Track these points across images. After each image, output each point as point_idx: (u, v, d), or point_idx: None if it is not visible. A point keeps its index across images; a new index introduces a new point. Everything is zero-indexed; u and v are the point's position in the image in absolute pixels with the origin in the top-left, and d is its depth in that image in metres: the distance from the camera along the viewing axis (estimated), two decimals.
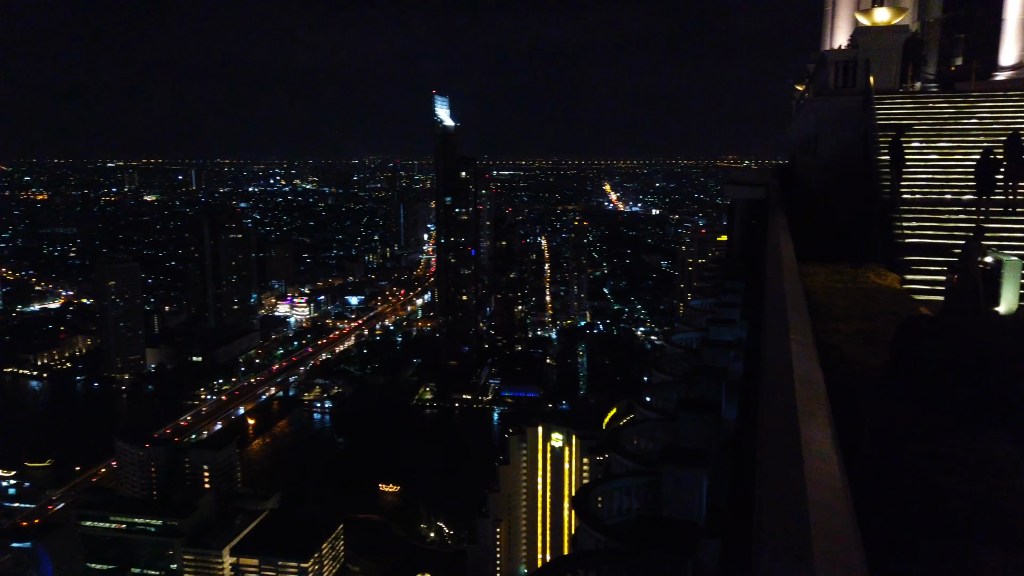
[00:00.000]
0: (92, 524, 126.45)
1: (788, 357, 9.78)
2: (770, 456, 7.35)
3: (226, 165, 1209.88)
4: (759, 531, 5.88)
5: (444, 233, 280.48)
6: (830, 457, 7.38)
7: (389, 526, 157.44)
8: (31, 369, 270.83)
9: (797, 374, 9.22)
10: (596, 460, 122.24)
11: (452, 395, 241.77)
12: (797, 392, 8.59)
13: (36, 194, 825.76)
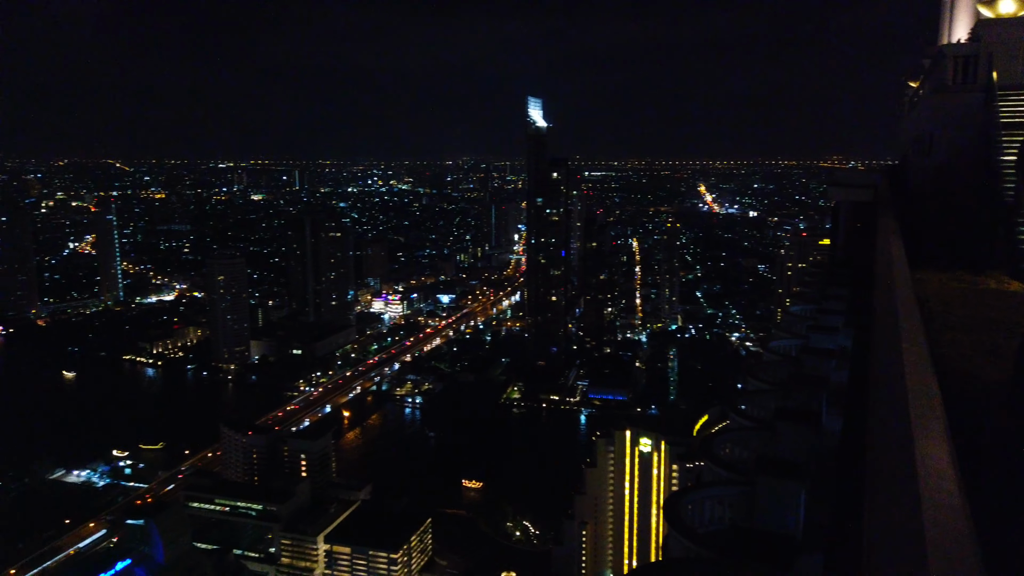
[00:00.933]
0: (198, 506, 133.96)
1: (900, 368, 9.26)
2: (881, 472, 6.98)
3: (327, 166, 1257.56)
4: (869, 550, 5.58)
5: (535, 234, 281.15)
6: (947, 474, 6.91)
7: (475, 522, 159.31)
8: (147, 357, 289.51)
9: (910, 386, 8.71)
10: (686, 467, 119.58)
11: (539, 395, 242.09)
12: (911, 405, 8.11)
13: (155, 193, 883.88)
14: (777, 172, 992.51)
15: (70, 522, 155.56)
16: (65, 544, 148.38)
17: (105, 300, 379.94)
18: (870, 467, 7.48)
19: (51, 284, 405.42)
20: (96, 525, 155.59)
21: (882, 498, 6.58)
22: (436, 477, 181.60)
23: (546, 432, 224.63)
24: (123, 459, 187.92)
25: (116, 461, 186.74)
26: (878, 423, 8.52)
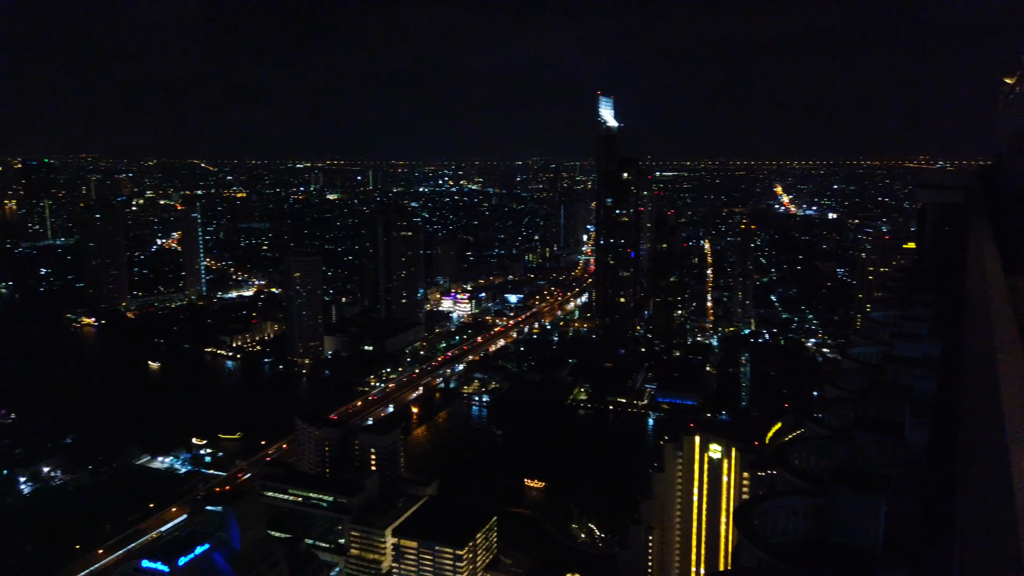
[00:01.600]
0: (273, 495, 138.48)
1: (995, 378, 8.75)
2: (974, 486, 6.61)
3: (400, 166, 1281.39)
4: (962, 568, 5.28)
5: (604, 234, 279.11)
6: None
7: (540, 522, 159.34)
8: (227, 350, 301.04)
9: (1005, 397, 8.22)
10: (757, 475, 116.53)
11: (607, 397, 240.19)
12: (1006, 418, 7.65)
13: (236, 192, 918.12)
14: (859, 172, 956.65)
15: (154, 506, 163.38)
16: (149, 527, 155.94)
17: (189, 294, 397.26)
18: (961, 481, 7.09)
19: (140, 278, 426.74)
20: (178, 510, 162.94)
21: (975, 513, 6.22)
22: (501, 475, 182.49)
23: (612, 434, 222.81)
24: (202, 447, 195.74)
25: (196, 449, 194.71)
26: (970, 435, 8.08)
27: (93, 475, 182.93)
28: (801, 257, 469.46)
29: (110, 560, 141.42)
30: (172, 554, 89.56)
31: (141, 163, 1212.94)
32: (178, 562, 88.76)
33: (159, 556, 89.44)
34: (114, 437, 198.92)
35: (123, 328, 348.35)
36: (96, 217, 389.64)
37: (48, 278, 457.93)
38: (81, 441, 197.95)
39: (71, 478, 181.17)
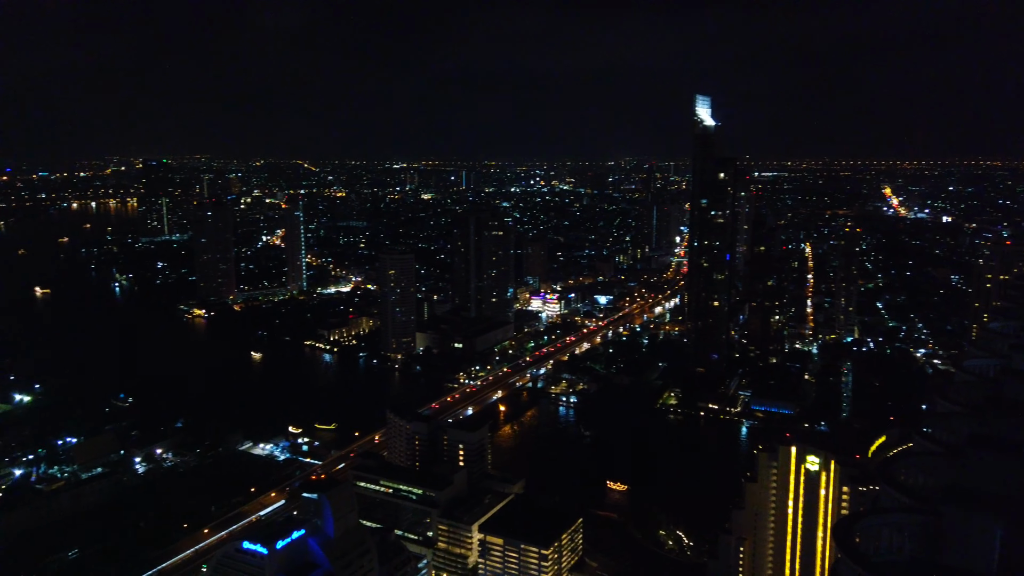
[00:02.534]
0: (365, 485, 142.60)
1: None
2: None
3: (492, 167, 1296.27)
4: None
5: (698, 236, 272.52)
6: None
7: (626, 526, 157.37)
8: (325, 343, 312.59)
9: None
10: (858, 490, 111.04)
11: (698, 403, 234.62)
12: None
13: (336, 191, 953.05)
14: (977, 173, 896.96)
15: (255, 490, 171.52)
16: (250, 510, 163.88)
17: (291, 289, 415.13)
18: None
19: (247, 273, 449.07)
20: (276, 495, 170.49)
21: None
22: (587, 477, 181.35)
23: (703, 441, 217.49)
24: (299, 436, 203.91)
25: (294, 438, 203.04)
26: None
27: (200, 458, 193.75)
28: (911, 262, 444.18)
29: (214, 539, 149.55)
30: (271, 537, 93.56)
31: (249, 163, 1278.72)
32: (276, 545, 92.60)
33: (259, 538, 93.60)
34: (219, 423, 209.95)
35: (230, 320, 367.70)
36: (208, 215, 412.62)
37: (164, 271, 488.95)
38: (190, 425, 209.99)
39: (181, 460, 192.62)
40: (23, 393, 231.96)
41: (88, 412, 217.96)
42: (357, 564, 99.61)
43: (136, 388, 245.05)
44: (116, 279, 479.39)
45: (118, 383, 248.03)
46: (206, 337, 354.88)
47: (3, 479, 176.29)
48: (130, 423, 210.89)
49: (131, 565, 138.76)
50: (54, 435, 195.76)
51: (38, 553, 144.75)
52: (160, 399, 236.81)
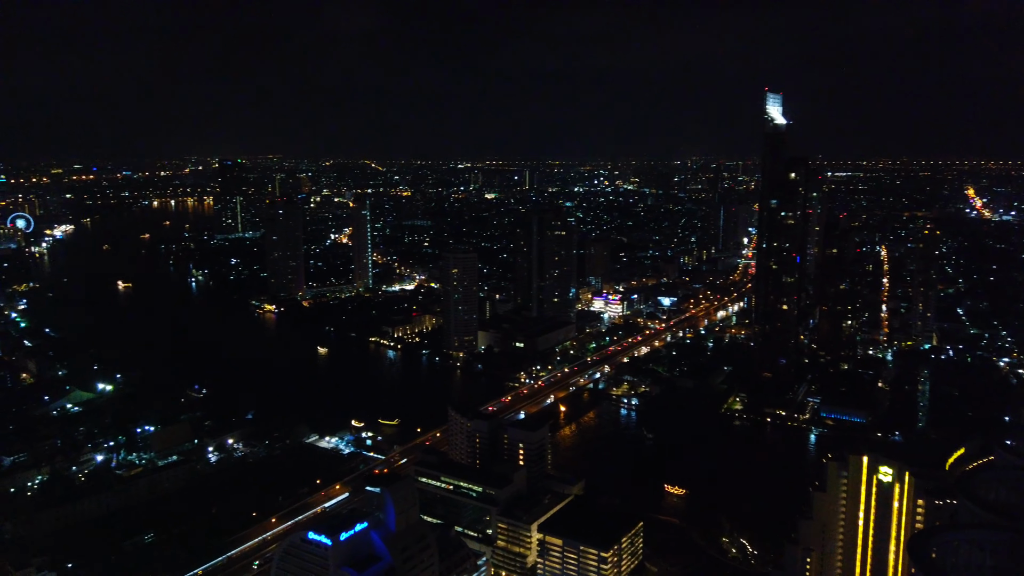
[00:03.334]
0: (426, 481, 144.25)
1: None
2: None
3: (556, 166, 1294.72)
4: None
5: (766, 237, 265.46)
6: None
7: (688, 532, 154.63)
8: (389, 340, 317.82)
9: None
10: (935, 504, 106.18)
11: (764, 408, 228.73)
12: None
13: (402, 191, 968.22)
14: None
15: (320, 482, 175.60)
16: (315, 501, 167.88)
17: (357, 286, 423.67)
18: None
19: (315, 270, 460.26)
20: (340, 488, 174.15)
21: None
22: (648, 480, 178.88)
23: (769, 448, 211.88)
24: (363, 431, 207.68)
25: (358, 432, 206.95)
26: None
27: (269, 449, 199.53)
28: (995, 267, 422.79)
29: (281, 529, 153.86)
30: (335, 529, 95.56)
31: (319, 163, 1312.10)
32: (340, 537, 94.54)
33: (324, 529, 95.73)
34: (287, 416, 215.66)
35: (298, 315, 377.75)
36: (279, 213, 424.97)
37: (237, 268, 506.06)
38: (260, 417, 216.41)
39: (250, 451, 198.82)
40: (106, 382, 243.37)
41: (165, 402, 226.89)
42: (418, 559, 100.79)
43: (210, 380, 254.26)
44: (192, 274, 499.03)
45: (193, 374, 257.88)
46: (276, 332, 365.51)
47: (86, 464, 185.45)
48: (204, 413, 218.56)
49: (203, 550, 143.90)
50: (133, 423, 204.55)
51: (117, 535, 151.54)
52: (232, 391, 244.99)
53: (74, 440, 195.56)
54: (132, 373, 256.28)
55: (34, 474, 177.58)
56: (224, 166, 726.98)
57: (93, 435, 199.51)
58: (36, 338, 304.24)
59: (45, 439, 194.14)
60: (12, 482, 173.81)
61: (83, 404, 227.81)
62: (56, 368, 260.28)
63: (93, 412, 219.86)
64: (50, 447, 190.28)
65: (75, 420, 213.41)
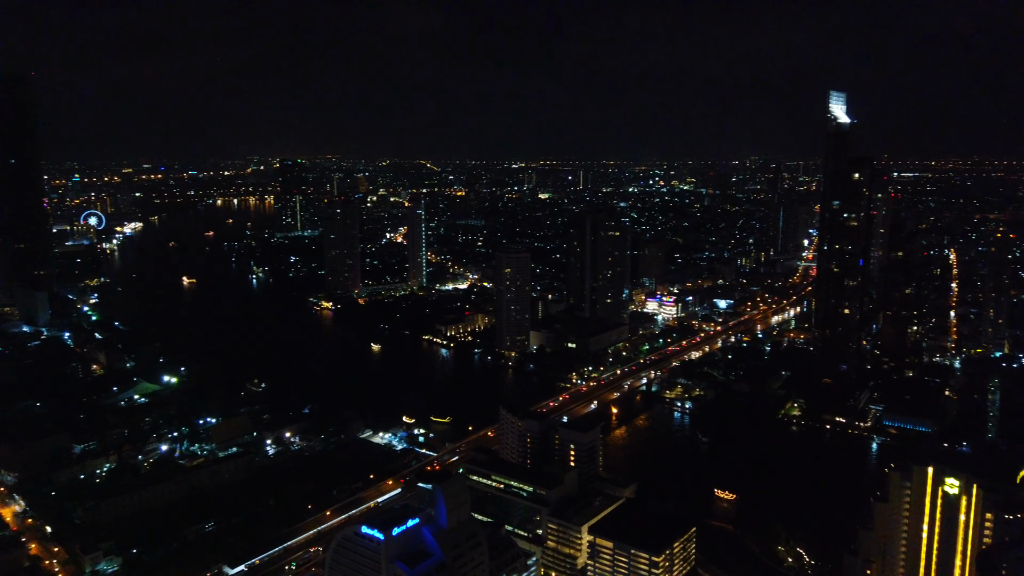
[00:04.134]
0: (477, 479, 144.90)
1: None
2: None
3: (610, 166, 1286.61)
4: None
5: (828, 240, 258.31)
6: None
7: (742, 539, 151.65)
8: (441, 338, 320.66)
9: None
10: (1005, 518, 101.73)
11: (823, 415, 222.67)
12: None
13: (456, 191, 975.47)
14: None
15: (373, 477, 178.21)
16: (368, 496, 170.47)
17: (412, 285, 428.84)
18: None
19: (371, 269, 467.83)
20: (393, 483, 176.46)
21: None
22: (702, 485, 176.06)
23: (828, 455, 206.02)
24: (415, 428, 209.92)
25: (411, 429, 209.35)
26: None
27: (324, 444, 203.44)
28: None
29: (335, 522, 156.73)
30: (387, 524, 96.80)
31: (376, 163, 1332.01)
32: (392, 531, 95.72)
33: (376, 524, 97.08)
34: (342, 411, 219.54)
35: (354, 313, 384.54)
36: (337, 212, 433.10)
37: (296, 265, 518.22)
38: (316, 412, 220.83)
39: (307, 444, 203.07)
40: (170, 375, 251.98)
41: (226, 395, 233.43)
42: (468, 556, 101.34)
43: (268, 374, 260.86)
44: (253, 271, 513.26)
45: (253, 369, 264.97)
46: (332, 328, 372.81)
47: (151, 453, 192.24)
48: (263, 407, 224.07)
49: (260, 540, 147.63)
50: (196, 415, 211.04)
51: (180, 523, 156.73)
52: (290, 385, 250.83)
53: (140, 430, 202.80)
54: (195, 366, 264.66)
55: (103, 462, 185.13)
56: (284, 166, 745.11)
57: (158, 425, 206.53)
58: (106, 331, 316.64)
59: (113, 428, 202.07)
60: (82, 469, 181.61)
61: (149, 395, 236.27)
62: (124, 360, 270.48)
63: (158, 403, 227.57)
64: (118, 436, 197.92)
65: (141, 411, 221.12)
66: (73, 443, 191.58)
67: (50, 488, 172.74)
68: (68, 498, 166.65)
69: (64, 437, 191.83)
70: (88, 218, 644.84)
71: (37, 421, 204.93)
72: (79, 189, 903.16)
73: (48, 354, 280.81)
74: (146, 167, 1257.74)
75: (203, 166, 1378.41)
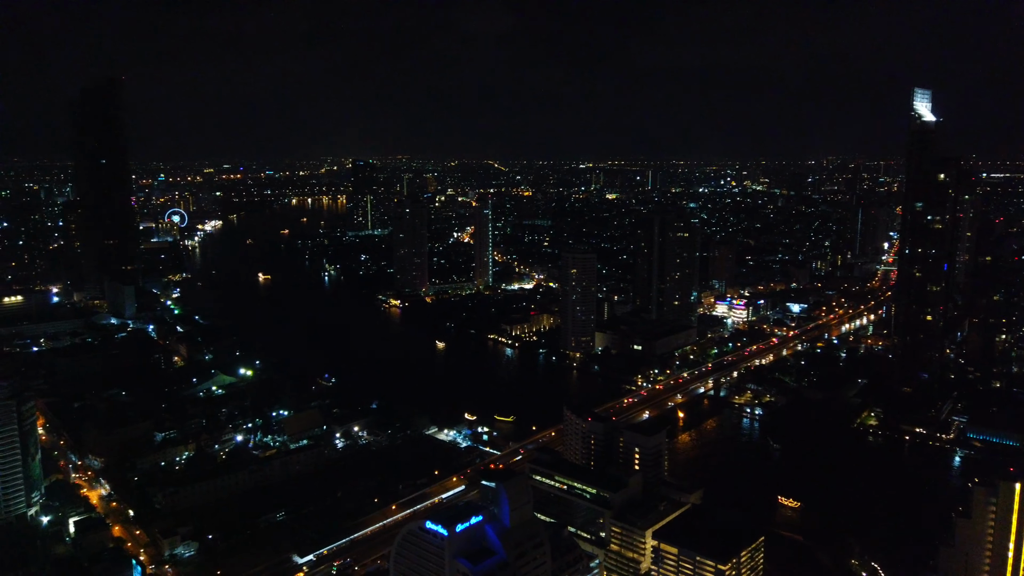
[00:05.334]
0: (540, 479, 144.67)
1: None
2: None
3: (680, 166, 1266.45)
4: None
5: (910, 243, 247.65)
6: None
7: (814, 552, 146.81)
8: (507, 338, 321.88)
9: None
10: None
11: (902, 425, 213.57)
12: None
13: (523, 191, 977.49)
14: None
15: (438, 474, 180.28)
16: (432, 492, 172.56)
17: (478, 284, 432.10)
18: None
19: (438, 267, 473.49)
20: (457, 480, 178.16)
21: None
22: (771, 494, 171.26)
23: (906, 467, 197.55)
24: (478, 425, 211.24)
25: (475, 426, 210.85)
26: None
27: (391, 439, 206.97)
28: None
29: (400, 517, 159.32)
30: (451, 520, 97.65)
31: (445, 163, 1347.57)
32: (456, 528, 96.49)
33: (441, 520, 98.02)
34: (408, 407, 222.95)
35: (421, 311, 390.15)
36: (406, 212, 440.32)
37: (366, 263, 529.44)
38: (383, 407, 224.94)
39: (374, 439, 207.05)
40: (246, 368, 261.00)
41: (297, 389, 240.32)
42: (531, 555, 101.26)
43: (338, 369, 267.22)
44: (326, 269, 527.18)
45: (324, 364, 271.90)
46: (399, 326, 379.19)
47: (227, 443, 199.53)
48: (332, 401, 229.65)
49: (329, 531, 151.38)
50: (269, 407, 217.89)
51: (252, 511, 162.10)
52: (358, 380, 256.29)
53: (217, 420, 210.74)
54: (269, 360, 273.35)
55: (182, 450, 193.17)
56: (356, 166, 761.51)
57: (234, 416, 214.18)
58: (187, 324, 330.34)
59: (192, 418, 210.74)
60: (163, 456, 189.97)
61: (226, 387, 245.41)
62: (203, 353, 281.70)
63: (234, 395, 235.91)
64: (196, 426, 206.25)
65: (219, 402, 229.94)
66: (155, 431, 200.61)
67: (133, 473, 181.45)
68: (149, 483, 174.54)
69: (147, 425, 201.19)
70: (172, 216, 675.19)
71: (122, 409, 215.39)
72: (164, 188, 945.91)
73: (133, 345, 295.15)
74: (226, 167, 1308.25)
75: (279, 166, 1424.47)
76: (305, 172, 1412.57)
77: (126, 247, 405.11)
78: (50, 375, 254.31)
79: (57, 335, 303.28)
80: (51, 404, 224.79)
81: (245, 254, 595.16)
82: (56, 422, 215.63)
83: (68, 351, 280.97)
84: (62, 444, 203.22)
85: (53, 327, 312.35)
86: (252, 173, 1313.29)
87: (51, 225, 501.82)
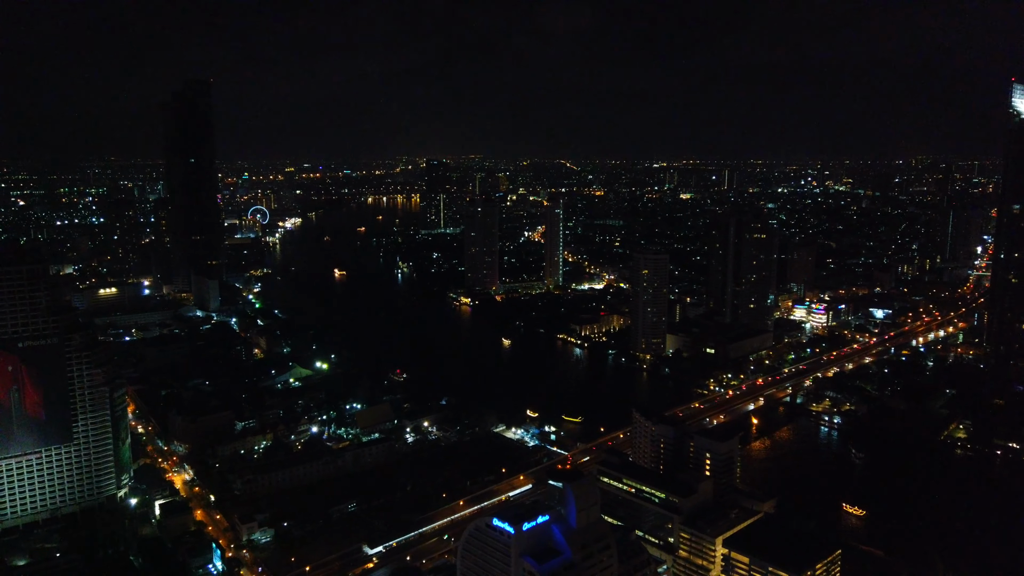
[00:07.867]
0: (608, 481, 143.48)
1: None
2: None
3: (758, 166, 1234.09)
4: None
5: (1006, 246, 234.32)
6: None
7: (895, 567, 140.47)
8: (576, 338, 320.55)
9: None
10: None
11: (994, 439, 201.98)
12: None
13: (595, 190, 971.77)
14: None
15: (505, 471, 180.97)
16: (500, 489, 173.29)
17: (548, 284, 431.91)
18: None
19: (508, 266, 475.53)
20: (524, 479, 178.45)
21: None
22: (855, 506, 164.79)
23: (997, 483, 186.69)
24: (545, 425, 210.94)
25: (542, 425, 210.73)
26: None
27: (460, 435, 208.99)
28: None
29: (467, 512, 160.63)
30: (518, 518, 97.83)
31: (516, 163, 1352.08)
32: (522, 526, 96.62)
33: (507, 517, 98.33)
34: (477, 404, 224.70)
35: (491, 309, 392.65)
36: (478, 210, 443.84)
37: (438, 261, 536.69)
38: (452, 404, 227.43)
39: (443, 435, 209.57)
40: (322, 361, 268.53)
41: (370, 383, 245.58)
42: (597, 557, 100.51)
43: (410, 364, 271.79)
44: (399, 266, 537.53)
45: (396, 359, 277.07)
46: (469, 323, 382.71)
47: (302, 434, 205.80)
48: (403, 396, 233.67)
49: (398, 524, 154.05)
50: (343, 400, 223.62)
51: (325, 501, 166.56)
52: (429, 376, 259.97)
53: (294, 412, 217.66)
54: (344, 354, 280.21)
55: (260, 439, 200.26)
56: (430, 165, 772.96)
57: (309, 408, 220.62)
58: (267, 318, 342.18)
59: (270, 409, 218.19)
60: (243, 444, 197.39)
61: (302, 380, 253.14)
62: (282, 346, 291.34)
63: (310, 387, 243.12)
64: (274, 416, 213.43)
65: (295, 394, 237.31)
66: (235, 420, 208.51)
67: (214, 460, 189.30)
68: (229, 470, 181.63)
69: (228, 414, 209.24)
70: (255, 213, 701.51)
71: (205, 398, 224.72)
72: (248, 187, 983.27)
73: (217, 337, 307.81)
74: (306, 166, 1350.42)
75: (356, 165, 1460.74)
76: (381, 171, 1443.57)
77: (212, 243, 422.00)
78: (140, 364, 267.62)
79: (147, 326, 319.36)
80: (140, 391, 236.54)
81: (323, 251, 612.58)
82: (145, 409, 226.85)
83: (156, 341, 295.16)
84: (150, 430, 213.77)
85: (144, 318, 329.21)
86: (331, 172, 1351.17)
87: (143, 221, 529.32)
